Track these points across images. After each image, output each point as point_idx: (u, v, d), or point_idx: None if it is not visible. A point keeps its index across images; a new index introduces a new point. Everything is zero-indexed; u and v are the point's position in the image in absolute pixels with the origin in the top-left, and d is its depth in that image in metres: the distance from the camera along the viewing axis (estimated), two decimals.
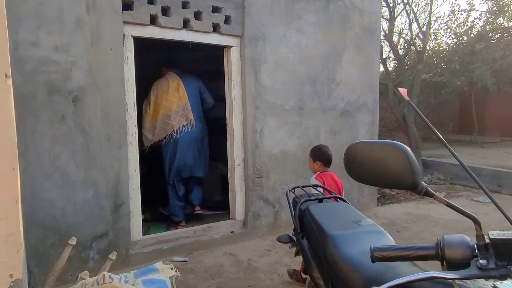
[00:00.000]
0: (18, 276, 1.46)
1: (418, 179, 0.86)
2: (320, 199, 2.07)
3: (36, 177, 2.78)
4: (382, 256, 0.90)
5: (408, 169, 0.85)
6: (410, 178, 0.86)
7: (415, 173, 0.85)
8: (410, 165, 0.85)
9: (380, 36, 5.30)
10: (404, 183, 0.87)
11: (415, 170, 0.85)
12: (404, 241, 3.79)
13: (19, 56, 2.68)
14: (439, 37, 10.27)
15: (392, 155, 0.88)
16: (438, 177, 6.96)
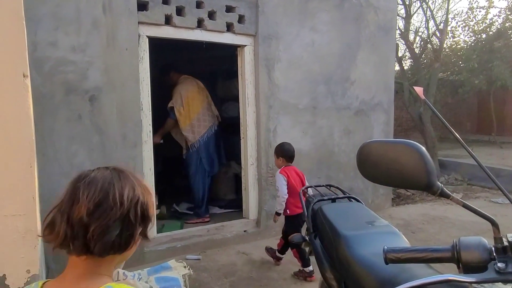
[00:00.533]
0: (35, 271, 1.49)
1: (434, 179, 0.83)
2: (334, 199, 2.05)
3: (53, 175, 2.84)
4: (395, 257, 0.88)
5: (423, 169, 0.83)
6: (425, 178, 0.83)
7: (430, 173, 0.83)
8: (425, 164, 0.83)
9: (396, 35, 5.22)
10: (419, 183, 0.85)
11: (430, 170, 0.83)
12: (419, 242, 3.73)
13: (37, 56, 2.74)
14: (457, 35, 10.08)
15: (406, 154, 0.86)
16: (455, 178, 6.82)
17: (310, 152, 4.17)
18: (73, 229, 0.77)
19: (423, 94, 1.33)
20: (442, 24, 7.94)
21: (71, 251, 0.78)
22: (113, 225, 0.78)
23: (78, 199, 0.78)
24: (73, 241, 0.77)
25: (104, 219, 0.77)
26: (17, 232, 1.45)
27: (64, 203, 0.80)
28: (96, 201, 0.78)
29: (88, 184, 0.80)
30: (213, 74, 5.63)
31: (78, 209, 0.77)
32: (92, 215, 0.77)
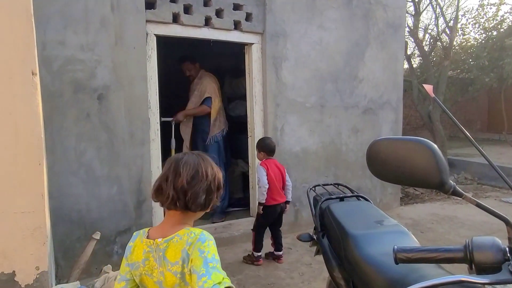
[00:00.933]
0: (44, 268, 1.50)
1: (446, 178, 0.81)
2: (342, 198, 2.03)
3: (62, 173, 2.86)
4: (405, 257, 0.87)
5: (434, 167, 0.81)
6: (437, 177, 0.81)
7: (442, 171, 0.81)
8: (436, 162, 0.81)
9: (405, 32, 5.16)
10: (430, 181, 0.83)
11: (442, 168, 0.81)
12: (428, 242, 3.69)
13: (47, 55, 2.77)
14: (467, 32, 9.93)
15: (417, 152, 0.84)
16: (465, 177, 6.74)
17: (318, 151, 4.15)
18: (178, 194, 1.13)
19: (433, 92, 1.31)
20: (452, 21, 7.83)
21: (172, 207, 1.15)
22: (202, 192, 1.15)
23: (179, 173, 1.14)
24: (178, 201, 1.13)
25: (197, 187, 1.15)
26: (26, 229, 1.46)
27: (169, 176, 1.15)
28: (191, 175, 1.15)
29: (185, 164, 1.16)
30: (220, 72, 5.63)
31: (180, 181, 1.13)
32: (189, 185, 1.14)
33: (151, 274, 1.15)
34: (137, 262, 1.16)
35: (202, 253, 1.07)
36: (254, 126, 3.83)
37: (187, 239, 1.11)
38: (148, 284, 1.17)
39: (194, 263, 1.07)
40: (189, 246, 1.09)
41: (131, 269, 1.18)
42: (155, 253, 1.13)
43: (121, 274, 1.21)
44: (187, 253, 1.09)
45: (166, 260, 1.11)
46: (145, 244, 1.16)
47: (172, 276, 1.11)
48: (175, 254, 1.10)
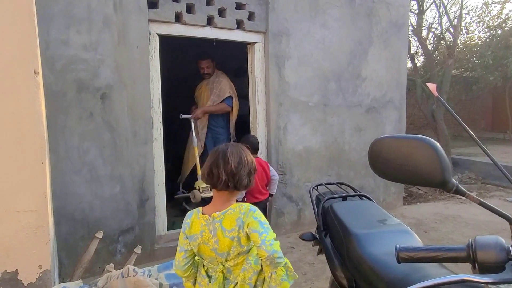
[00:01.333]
0: (47, 267, 1.51)
1: (448, 176, 0.81)
2: (344, 197, 2.02)
3: (65, 172, 2.87)
4: (408, 256, 0.86)
5: (437, 165, 0.80)
6: (439, 175, 0.81)
7: (445, 169, 0.80)
8: (439, 161, 0.80)
9: (408, 31, 5.14)
10: (433, 180, 0.82)
11: (444, 166, 0.80)
12: (432, 242, 3.67)
13: (50, 54, 2.78)
14: (471, 31, 9.88)
15: (420, 150, 0.83)
16: (469, 176, 6.70)
17: (321, 150, 4.14)
18: (228, 177, 1.42)
19: (436, 91, 1.30)
20: (456, 19, 7.79)
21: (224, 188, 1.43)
22: (245, 175, 1.46)
23: (228, 160, 1.43)
24: (229, 183, 1.42)
25: (242, 171, 1.45)
26: (29, 228, 1.47)
27: (219, 163, 1.43)
28: (237, 162, 1.45)
29: (231, 153, 1.46)
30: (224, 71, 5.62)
31: (229, 166, 1.42)
32: (236, 169, 1.43)
33: (207, 242, 1.42)
34: (196, 234, 1.44)
35: (256, 218, 1.40)
36: (257, 125, 3.83)
37: (239, 210, 1.42)
38: (205, 252, 1.45)
39: (252, 225, 1.39)
40: (243, 215, 1.41)
41: (189, 241, 1.45)
42: (211, 225, 1.42)
43: (181, 246, 1.48)
44: (242, 221, 1.40)
45: (223, 228, 1.40)
46: (202, 219, 1.44)
47: (229, 241, 1.40)
48: (231, 223, 1.40)
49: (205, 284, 1.47)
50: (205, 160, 1.51)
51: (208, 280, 1.47)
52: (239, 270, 1.45)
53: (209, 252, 1.43)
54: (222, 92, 4.13)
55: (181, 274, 1.49)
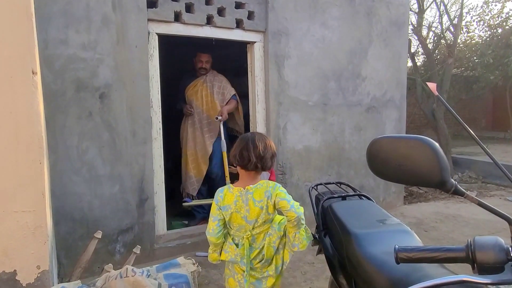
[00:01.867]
0: (45, 267, 1.50)
1: (447, 176, 0.80)
2: (344, 197, 2.01)
3: (65, 172, 2.87)
4: (407, 257, 0.85)
5: (435, 165, 0.80)
6: (438, 175, 0.80)
7: (444, 169, 0.79)
8: (438, 161, 0.80)
9: (408, 30, 5.13)
10: (431, 180, 0.81)
11: (443, 166, 0.79)
12: (432, 241, 3.67)
13: (49, 54, 2.77)
14: (471, 30, 9.85)
15: (418, 150, 0.82)
16: (469, 176, 6.70)
17: (321, 149, 4.13)
18: (257, 159, 1.72)
19: (436, 90, 1.29)
20: (456, 18, 7.77)
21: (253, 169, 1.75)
22: (270, 157, 1.77)
23: (256, 145, 1.74)
24: (257, 164, 1.73)
25: (267, 154, 1.76)
26: (27, 228, 1.46)
27: (249, 147, 1.73)
28: (263, 146, 1.75)
29: (258, 139, 1.77)
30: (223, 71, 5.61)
31: (258, 150, 1.73)
32: (263, 153, 1.74)
33: (239, 211, 1.73)
34: (229, 204, 1.73)
35: (282, 191, 1.76)
36: (257, 125, 3.82)
37: (267, 185, 1.76)
38: (236, 220, 1.74)
39: (280, 195, 1.73)
40: (271, 189, 1.75)
41: (222, 211, 1.74)
42: (244, 196, 1.74)
43: (214, 216, 1.75)
44: (270, 193, 1.74)
45: (254, 199, 1.73)
46: (236, 191, 1.75)
47: (258, 209, 1.72)
48: (260, 195, 1.74)
49: (232, 250, 1.76)
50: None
51: (235, 246, 1.76)
52: (261, 238, 1.77)
53: (239, 220, 1.74)
54: (226, 90, 4.06)
55: (214, 241, 1.76)
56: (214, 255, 1.83)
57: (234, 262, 1.76)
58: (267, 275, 1.79)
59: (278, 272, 1.82)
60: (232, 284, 1.80)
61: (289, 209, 1.71)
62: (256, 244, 1.77)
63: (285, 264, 1.85)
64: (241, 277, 1.76)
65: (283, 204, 1.72)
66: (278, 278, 1.85)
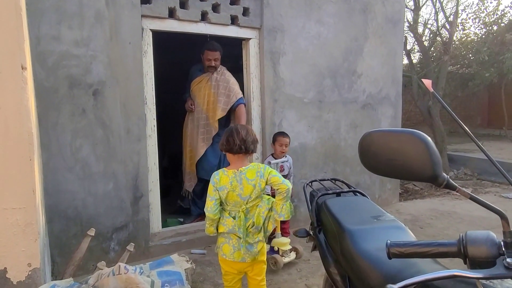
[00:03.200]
0: (36, 265, 1.48)
1: (439, 170, 0.79)
2: (338, 193, 2.01)
3: (58, 169, 2.84)
4: (399, 252, 0.85)
5: (427, 159, 0.79)
6: (430, 169, 0.79)
7: (435, 163, 0.78)
8: (429, 155, 0.79)
9: (404, 27, 5.12)
10: (423, 174, 0.81)
11: (435, 160, 0.78)
12: (427, 238, 3.68)
13: (41, 50, 2.74)
14: (467, 27, 9.86)
15: (409, 144, 0.81)
16: (464, 173, 6.72)
17: (316, 146, 4.13)
18: (241, 143, 2.01)
19: (432, 87, 1.28)
20: (452, 16, 7.77)
21: (240, 151, 2.03)
22: (252, 141, 2.06)
23: (239, 132, 2.04)
24: (242, 146, 2.01)
25: (249, 138, 2.05)
26: (17, 226, 1.44)
27: (234, 134, 2.03)
28: (245, 132, 2.06)
29: (241, 127, 2.09)
30: None
31: (241, 135, 2.03)
32: (246, 136, 2.03)
33: (234, 190, 2.00)
34: (224, 185, 2.00)
35: (271, 170, 2.07)
36: (252, 122, 3.81)
37: (258, 166, 2.06)
38: (232, 198, 2.02)
39: (272, 173, 2.05)
40: (262, 169, 2.04)
41: (219, 191, 2.01)
42: (238, 176, 2.01)
43: (211, 196, 2.02)
44: (262, 172, 2.03)
45: (247, 178, 2.01)
46: (231, 173, 2.02)
47: (251, 187, 2.01)
48: (252, 174, 2.02)
49: (229, 222, 2.04)
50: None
51: (232, 219, 2.03)
52: (254, 209, 2.06)
53: (235, 197, 2.01)
54: (232, 92, 3.73)
55: (212, 217, 2.03)
56: (211, 229, 2.10)
57: (232, 232, 2.04)
58: (258, 240, 2.09)
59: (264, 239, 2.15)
60: (227, 249, 2.07)
61: (281, 183, 2.02)
62: (249, 215, 2.07)
63: (268, 232, 2.17)
64: (236, 242, 2.05)
65: (275, 179, 2.03)
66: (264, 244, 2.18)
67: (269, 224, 2.15)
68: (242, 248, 2.04)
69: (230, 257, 2.07)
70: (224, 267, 2.17)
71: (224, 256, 2.09)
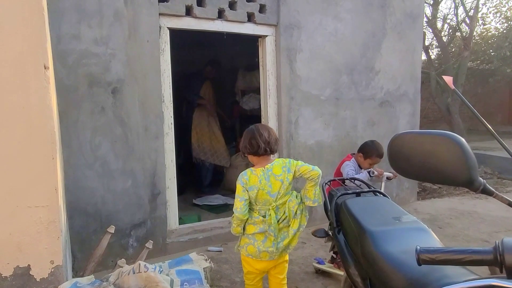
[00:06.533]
0: (59, 262, 1.51)
1: (475, 175, 0.76)
2: (358, 193, 1.98)
3: (78, 166, 2.88)
4: (429, 258, 0.81)
5: (463, 163, 0.76)
6: (466, 174, 0.76)
7: (472, 167, 0.75)
8: (465, 158, 0.75)
9: (423, 22, 5.01)
10: (458, 178, 0.77)
11: (471, 165, 0.75)
12: (447, 238, 3.60)
13: (62, 49, 2.77)
14: (488, 22, 9.62)
15: (444, 147, 0.78)
16: (484, 171, 6.56)
17: (333, 144, 4.08)
18: (265, 144, 1.99)
19: (453, 84, 1.24)
20: (472, 10, 7.58)
21: (264, 153, 2.02)
22: (275, 141, 2.05)
23: (261, 133, 2.01)
24: (266, 148, 2.00)
25: (272, 139, 2.03)
26: (41, 223, 1.47)
27: (256, 136, 2.00)
28: (267, 133, 2.03)
29: (262, 128, 2.05)
30: (234, 65, 5.59)
31: (264, 137, 2.00)
32: (269, 138, 2.02)
33: (264, 188, 1.97)
34: (254, 185, 1.97)
35: (297, 161, 2.06)
36: (268, 120, 3.79)
37: (283, 161, 2.06)
38: (261, 196, 1.98)
39: (298, 164, 2.04)
40: (288, 163, 2.04)
41: (248, 191, 1.98)
42: (265, 174, 1.99)
43: (240, 196, 1.98)
44: (288, 166, 2.03)
45: (274, 174, 1.99)
46: (259, 172, 1.99)
47: (279, 182, 1.99)
48: (279, 170, 2.01)
49: (259, 221, 2.00)
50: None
51: (262, 218, 1.99)
52: (284, 207, 2.03)
53: (264, 195, 1.98)
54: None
55: (242, 218, 1.98)
56: (238, 229, 2.06)
57: (262, 232, 2.00)
58: (285, 236, 2.04)
59: (294, 233, 2.06)
60: (252, 250, 2.03)
61: (312, 169, 2.00)
62: (279, 212, 2.03)
63: (302, 227, 2.09)
64: (261, 243, 2.01)
65: (305, 168, 2.01)
66: (293, 238, 2.08)
67: (302, 218, 2.09)
68: (273, 245, 2.00)
69: (256, 257, 2.04)
70: (246, 266, 2.14)
71: (250, 256, 2.06)
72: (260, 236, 2.01)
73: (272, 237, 1.99)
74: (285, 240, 2.04)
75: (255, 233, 2.01)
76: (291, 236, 2.05)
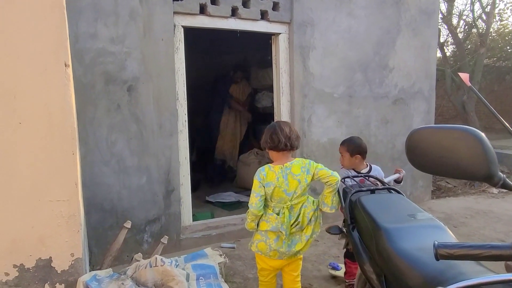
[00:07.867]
0: (79, 255, 1.55)
1: (495, 169, 0.75)
2: (373, 190, 1.97)
3: (95, 163, 2.94)
4: (448, 254, 0.82)
5: (482, 158, 0.75)
6: (485, 168, 0.75)
7: (491, 162, 0.75)
8: (485, 153, 0.75)
9: (438, 19, 4.94)
10: (477, 173, 0.77)
11: (491, 159, 0.75)
12: (462, 237, 3.56)
13: (79, 48, 2.83)
14: (505, 18, 9.41)
15: (463, 141, 0.78)
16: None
17: None
18: (285, 140, 1.98)
19: (469, 81, 1.23)
20: (489, 6, 7.43)
21: (284, 148, 2.00)
22: (295, 138, 2.04)
23: (282, 129, 2.01)
24: (287, 143, 1.99)
25: (293, 135, 2.02)
26: (61, 217, 1.51)
27: (277, 131, 2.00)
28: (288, 129, 2.03)
29: (283, 124, 2.07)
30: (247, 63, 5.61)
31: (285, 132, 2.00)
32: (290, 133, 2.01)
33: (280, 185, 1.96)
34: (271, 181, 1.97)
35: (318, 164, 2.04)
36: (281, 117, 3.79)
37: (302, 161, 2.04)
38: (277, 193, 1.97)
39: (318, 167, 2.02)
40: (307, 165, 2.02)
41: (265, 187, 1.97)
42: (284, 172, 1.98)
43: (256, 192, 1.98)
44: (307, 168, 2.01)
45: (292, 173, 1.98)
46: (277, 169, 1.99)
47: (296, 182, 1.98)
48: (297, 169, 2.00)
49: (273, 219, 1.99)
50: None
51: (276, 215, 1.98)
52: (298, 208, 2.01)
53: (280, 193, 1.97)
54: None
55: (257, 213, 1.99)
56: (252, 224, 2.06)
57: (274, 230, 1.99)
58: (297, 241, 2.04)
59: (306, 239, 2.06)
60: (263, 247, 2.03)
61: (331, 175, 1.99)
62: (293, 212, 2.01)
63: (315, 234, 2.10)
64: (272, 242, 2.00)
65: (323, 173, 2.00)
66: (306, 244, 2.08)
67: (316, 225, 2.10)
68: (284, 245, 1.99)
69: (266, 254, 2.05)
70: (260, 263, 2.15)
71: (260, 253, 2.07)
72: (272, 235, 2.01)
73: (283, 236, 1.99)
74: (298, 244, 2.04)
75: (267, 230, 2.00)
76: (304, 242, 2.05)
